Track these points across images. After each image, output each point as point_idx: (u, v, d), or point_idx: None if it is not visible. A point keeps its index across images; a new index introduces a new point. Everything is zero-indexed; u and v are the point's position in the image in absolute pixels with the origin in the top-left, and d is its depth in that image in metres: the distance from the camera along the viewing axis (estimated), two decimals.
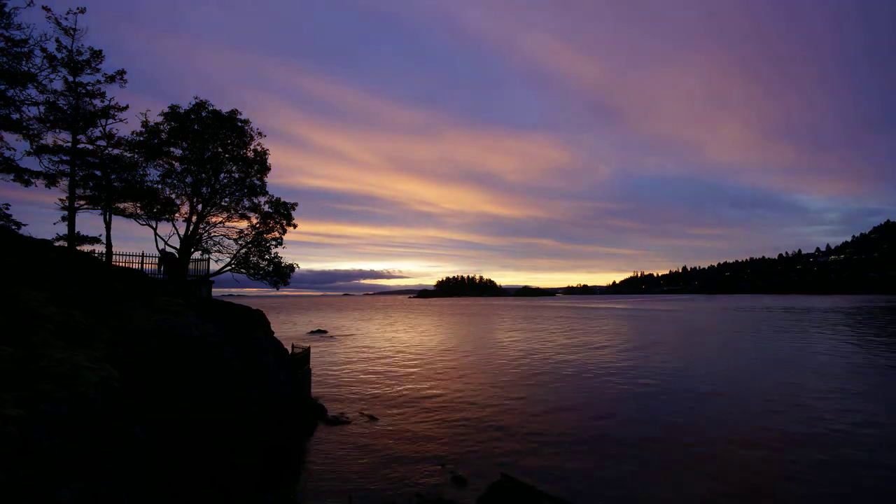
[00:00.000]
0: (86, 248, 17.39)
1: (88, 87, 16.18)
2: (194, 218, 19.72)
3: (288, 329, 65.78)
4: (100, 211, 17.80)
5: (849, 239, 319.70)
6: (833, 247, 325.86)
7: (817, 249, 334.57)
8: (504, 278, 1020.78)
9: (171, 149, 19.19)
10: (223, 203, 20.53)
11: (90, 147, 16.96)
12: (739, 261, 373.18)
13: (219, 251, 21.02)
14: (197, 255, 20.75)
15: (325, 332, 61.38)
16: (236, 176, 20.47)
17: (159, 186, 19.36)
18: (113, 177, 17.77)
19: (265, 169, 20.79)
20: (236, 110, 19.87)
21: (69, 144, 16.29)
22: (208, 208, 20.06)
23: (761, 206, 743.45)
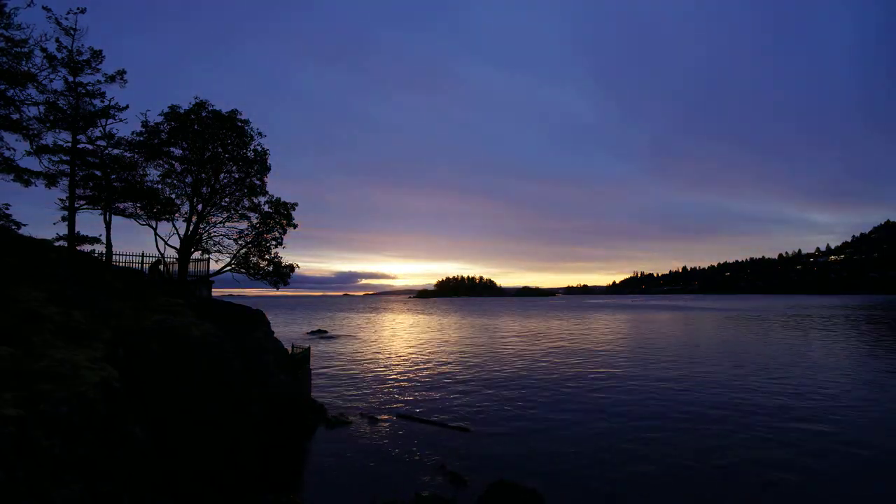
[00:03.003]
0: (86, 248, 17.37)
1: (88, 87, 16.15)
2: (194, 218, 19.69)
3: (288, 329, 65.75)
4: (100, 211, 17.77)
5: (849, 239, 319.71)
6: (833, 247, 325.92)
7: (817, 249, 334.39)
8: (504, 278, 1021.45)
9: (171, 149, 19.16)
10: (223, 203, 20.50)
11: (90, 147, 16.92)
12: (739, 261, 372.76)
13: (219, 251, 20.97)
14: (197, 255, 20.73)
15: (325, 332, 61.34)
16: (236, 176, 20.43)
17: (159, 186, 19.32)
18: (113, 177, 17.73)
19: (265, 169, 20.75)
20: (236, 110, 19.83)
21: (69, 144, 16.26)
22: (208, 208, 20.03)
23: (771, 223, 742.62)
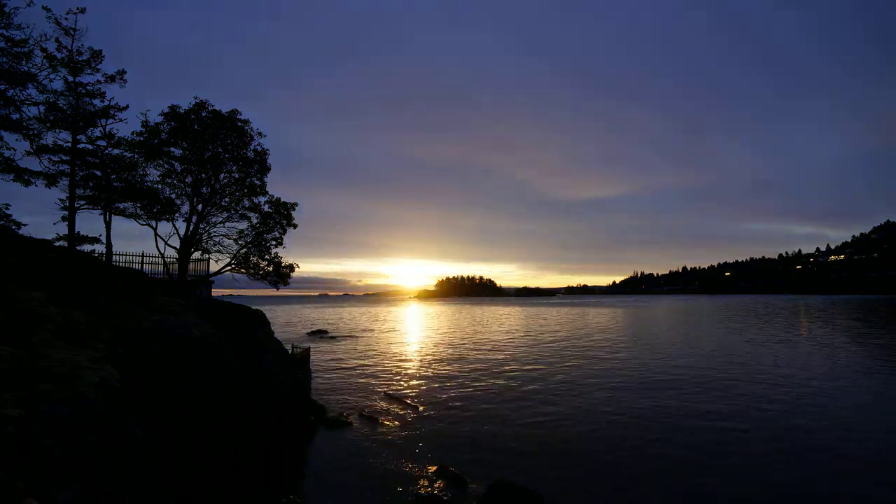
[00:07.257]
0: (86, 248, 17.36)
1: (88, 87, 16.14)
2: (194, 218, 19.69)
3: (288, 329, 65.75)
4: (100, 211, 17.76)
5: (849, 239, 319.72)
6: (833, 247, 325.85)
7: (817, 249, 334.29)
8: (504, 279, 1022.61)
9: (171, 149, 19.15)
10: (223, 203, 20.49)
11: (90, 147, 16.91)
12: (740, 261, 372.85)
13: (219, 251, 20.96)
14: (197, 255, 20.73)
15: (325, 332, 61.32)
16: (236, 176, 20.42)
17: (159, 186, 19.31)
18: (113, 177, 17.71)
19: (265, 169, 20.74)
20: (236, 110, 19.82)
21: (69, 144, 16.25)
22: (208, 208, 20.02)
23: (773, 232, 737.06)
